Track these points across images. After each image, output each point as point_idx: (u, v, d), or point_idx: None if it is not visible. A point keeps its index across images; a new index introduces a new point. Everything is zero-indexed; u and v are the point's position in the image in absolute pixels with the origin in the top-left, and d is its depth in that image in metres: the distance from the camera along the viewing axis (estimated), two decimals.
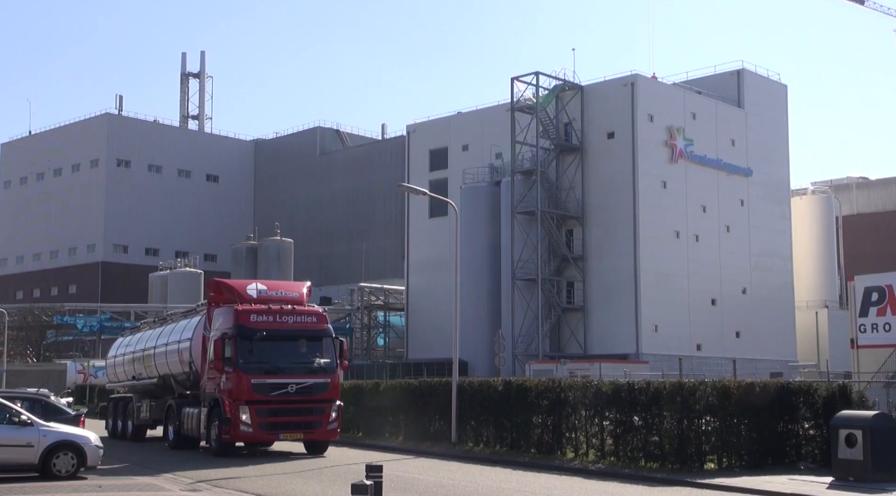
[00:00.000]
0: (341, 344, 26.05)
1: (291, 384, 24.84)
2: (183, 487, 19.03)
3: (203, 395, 26.55)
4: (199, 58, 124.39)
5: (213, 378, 25.68)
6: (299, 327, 25.72)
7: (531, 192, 70.35)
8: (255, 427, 24.46)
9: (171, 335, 30.23)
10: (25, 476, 19.70)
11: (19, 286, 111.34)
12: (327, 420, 25.30)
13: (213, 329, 26.26)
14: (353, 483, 12.20)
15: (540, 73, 71.98)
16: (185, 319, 30.42)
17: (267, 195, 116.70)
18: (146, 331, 34.93)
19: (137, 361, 33.22)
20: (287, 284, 29.03)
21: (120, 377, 35.93)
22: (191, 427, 27.03)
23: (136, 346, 34.01)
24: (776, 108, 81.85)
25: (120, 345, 37.40)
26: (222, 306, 26.36)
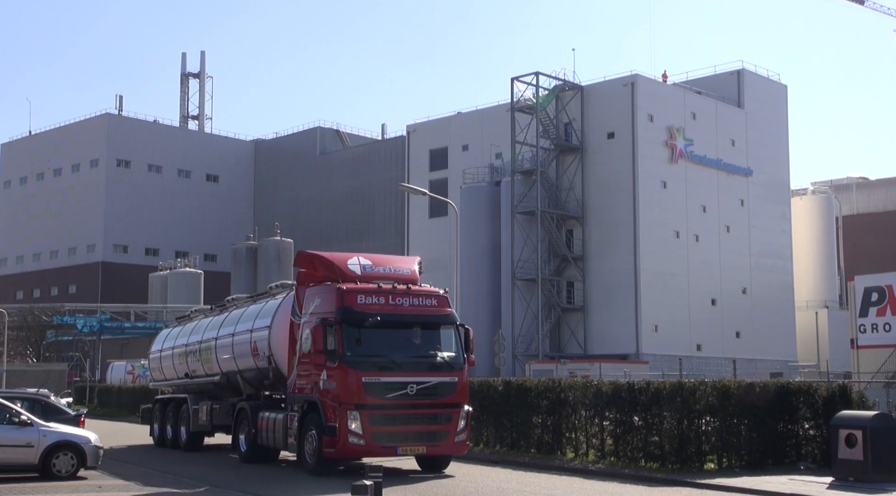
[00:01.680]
0: (467, 333, 21.10)
1: (411, 384, 19.85)
2: (183, 487, 19.02)
3: (291, 397, 21.51)
4: (199, 58, 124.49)
5: (306, 375, 20.77)
6: (417, 312, 20.66)
7: (531, 192, 70.36)
8: (367, 438, 19.40)
9: (240, 323, 25.41)
10: (25, 476, 19.69)
11: (19, 286, 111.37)
12: (454, 429, 20.37)
13: (304, 313, 21.29)
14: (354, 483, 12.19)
15: (540, 73, 72.01)
16: (259, 303, 25.62)
17: (267, 195, 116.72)
18: (201, 319, 30.01)
19: (192, 356, 28.44)
20: (395, 259, 23.52)
21: (167, 375, 31.12)
22: (271, 436, 22.24)
23: (190, 338, 29.03)
24: (776, 108, 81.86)
25: (167, 338, 32.11)
26: (318, 285, 21.40)
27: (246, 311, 25.76)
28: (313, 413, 20.20)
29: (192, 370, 28.44)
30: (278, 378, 22.89)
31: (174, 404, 29.41)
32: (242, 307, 26.67)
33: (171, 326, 33.80)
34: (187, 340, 29.17)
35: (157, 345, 32.72)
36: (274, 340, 22.89)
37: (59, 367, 71.50)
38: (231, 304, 28.36)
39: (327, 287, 20.84)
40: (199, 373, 27.81)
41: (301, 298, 21.87)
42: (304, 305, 21.52)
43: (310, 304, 21.17)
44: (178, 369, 29.69)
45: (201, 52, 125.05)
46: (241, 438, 24.05)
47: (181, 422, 28.33)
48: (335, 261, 21.58)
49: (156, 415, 31.10)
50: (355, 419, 19.33)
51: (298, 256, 22.95)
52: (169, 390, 31.86)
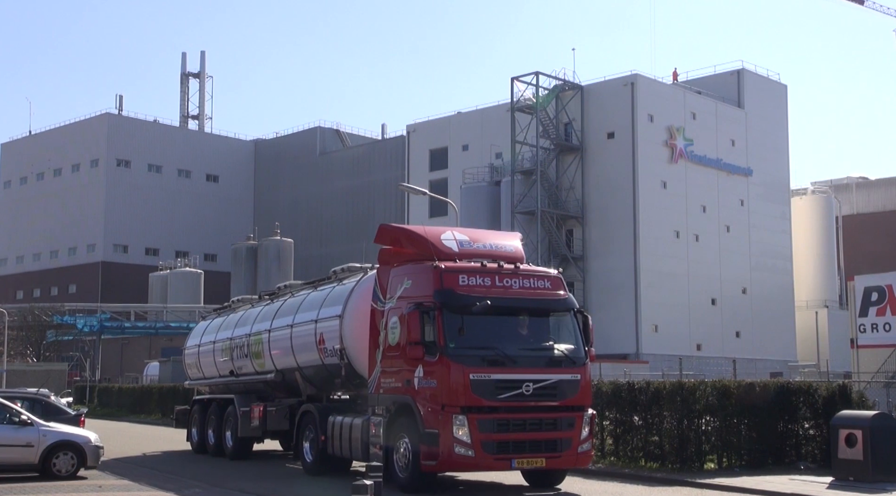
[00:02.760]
0: (585, 320, 17.85)
1: (527, 382, 16.60)
2: (183, 487, 19.03)
3: (374, 398, 18.14)
4: (199, 58, 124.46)
5: (395, 372, 17.46)
6: (529, 295, 17.43)
7: (531, 192, 70.38)
8: (477, 448, 16.16)
9: (300, 313, 22.02)
10: (25, 476, 19.70)
11: (19, 286, 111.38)
12: (577, 437, 17.02)
13: (390, 298, 17.95)
14: (354, 483, 12.19)
15: (540, 73, 72.04)
16: (323, 289, 22.19)
17: (267, 195, 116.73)
18: (247, 309, 26.49)
19: (238, 351, 25.01)
20: (494, 234, 20.44)
21: (207, 372, 27.76)
22: (346, 444, 18.93)
23: (236, 331, 25.57)
24: (776, 108, 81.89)
25: (206, 331, 28.56)
26: (407, 264, 18.00)
27: (306, 299, 22.31)
28: (405, 417, 17.02)
29: (237, 367, 25.10)
30: (352, 376, 19.63)
31: (217, 406, 26.01)
32: (300, 294, 23.30)
33: (208, 318, 30.11)
34: (232, 333, 25.70)
35: (195, 339, 29.21)
36: (347, 331, 19.55)
37: (59, 367, 71.48)
38: (284, 292, 24.66)
39: (421, 266, 17.45)
40: (248, 370, 24.54)
41: (385, 280, 18.25)
42: (390, 288, 18.00)
43: (397, 287, 17.76)
44: (220, 366, 26.34)
45: (201, 52, 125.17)
46: (305, 446, 20.73)
47: (226, 427, 24.97)
48: (428, 235, 18.30)
49: (194, 418, 27.55)
50: (462, 425, 16.10)
51: (381, 231, 19.26)
52: (206, 390, 28.91)
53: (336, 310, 20.16)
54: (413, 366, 16.81)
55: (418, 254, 17.96)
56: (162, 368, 69.41)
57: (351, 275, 21.23)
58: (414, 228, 19.23)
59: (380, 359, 17.91)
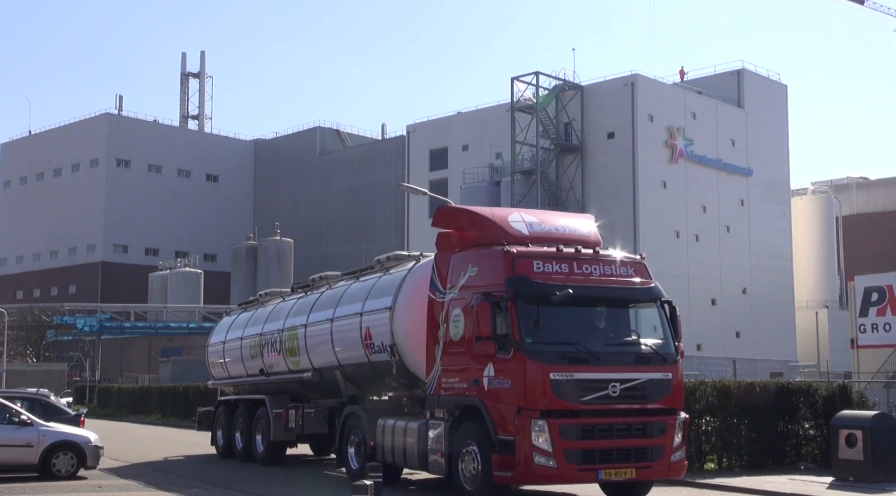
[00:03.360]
0: (673, 312, 16.03)
1: (614, 382, 14.85)
2: (183, 487, 19.02)
3: (433, 399, 16.31)
4: (199, 58, 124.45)
5: (459, 370, 15.71)
6: (612, 283, 15.74)
7: (531, 192, 70.37)
8: (559, 458, 14.37)
9: (341, 305, 20.19)
10: (25, 476, 19.70)
11: (19, 286, 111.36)
12: (670, 444, 15.22)
13: (451, 287, 16.13)
14: (354, 483, 12.19)
15: (540, 73, 72.06)
16: (367, 279, 20.29)
17: (267, 195, 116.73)
18: (278, 303, 24.65)
19: (270, 347, 23.28)
20: (564, 215, 18.81)
21: (233, 371, 26.01)
22: (397, 450, 17.12)
23: (267, 326, 23.76)
24: (776, 108, 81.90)
25: (231, 326, 26.66)
26: (472, 250, 16.23)
27: (348, 291, 20.42)
28: (472, 422, 15.25)
29: (268, 366, 23.33)
30: (403, 374, 17.80)
31: (245, 407, 24.12)
32: (339, 286, 21.37)
33: (232, 313, 28.22)
34: (262, 329, 23.85)
35: (219, 335, 27.24)
36: (399, 325, 17.70)
37: (59, 367, 71.45)
38: (320, 283, 22.79)
39: (489, 251, 15.66)
40: (280, 368, 22.80)
41: (445, 268, 16.41)
42: (451, 277, 16.20)
43: (460, 275, 15.99)
44: (248, 365, 24.58)
45: (201, 52, 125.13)
46: (349, 452, 18.76)
47: (256, 430, 23.21)
48: (495, 217, 16.58)
49: (219, 420, 25.68)
50: (542, 431, 14.31)
51: (439, 214, 17.66)
52: (230, 390, 27.07)
53: (385, 301, 18.21)
54: (482, 364, 15.06)
55: (483, 238, 16.13)
56: (162, 368, 69.47)
57: (398, 264, 19.44)
58: (478, 210, 17.30)
59: (440, 356, 16.16)
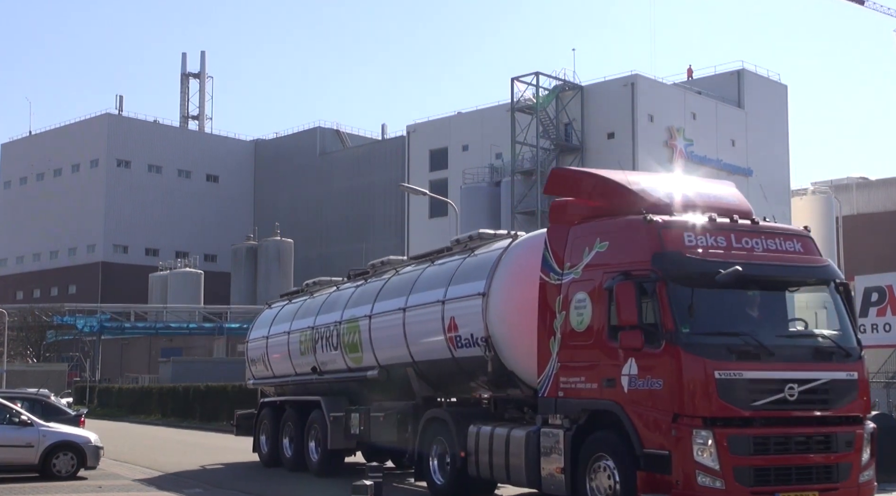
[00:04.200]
0: (849, 295, 13.25)
1: (791, 383, 11.77)
2: (182, 487, 19.03)
3: (548, 403, 13.32)
4: (199, 58, 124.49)
5: (583, 367, 12.77)
6: (780, 261, 12.56)
7: (531, 192, 70.39)
8: (728, 477, 11.33)
9: (416, 292, 17.42)
10: (25, 476, 19.70)
11: (19, 286, 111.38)
12: (857, 462, 12.11)
13: (572, 267, 13.15)
14: (354, 483, 12.18)
15: (540, 73, 72.07)
16: (447, 261, 17.45)
17: (267, 195, 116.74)
18: (331, 292, 21.81)
19: (324, 342, 20.41)
20: (704, 182, 15.80)
21: (278, 369, 23.12)
22: (496, 463, 14.34)
23: (320, 318, 20.89)
24: (776, 108, 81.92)
25: (276, 320, 23.75)
26: (601, 220, 13.16)
27: (422, 276, 17.69)
28: (606, 431, 12.32)
29: (322, 363, 20.56)
30: (499, 372, 14.99)
31: (295, 410, 21.58)
32: (407, 271, 18.78)
33: (275, 305, 25.17)
34: (314, 322, 21.01)
35: (261, 329, 24.38)
36: (495, 314, 15.00)
37: (59, 367, 71.48)
38: (384, 268, 20.06)
39: (626, 222, 12.71)
40: (337, 366, 20.02)
41: (561, 243, 13.46)
42: (570, 253, 13.26)
43: (583, 251, 13.03)
44: (297, 362, 21.79)
45: (201, 52, 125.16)
46: (432, 464, 16.11)
47: (309, 436, 20.56)
48: (628, 181, 13.58)
49: (263, 424, 23.23)
50: (707, 444, 11.30)
51: (554, 178, 14.92)
52: (270, 391, 24.38)
53: (476, 286, 15.44)
54: (619, 360, 12.10)
55: (613, 206, 13.16)
56: (162, 368, 69.47)
57: (485, 244, 16.76)
58: (605, 172, 14.26)
59: (556, 350, 13.19)
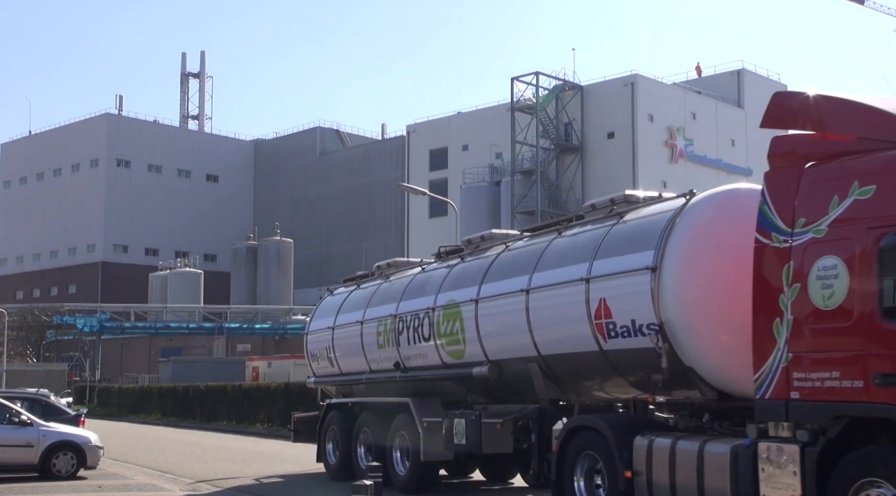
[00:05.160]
0: None
1: None
2: (183, 487, 19.03)
3: (774, 409, 10.01)
4: (199, 58, 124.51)
5: (838, 359, 9.43)
6: None
7: (531, 192, 70.41)
8: None
9: (545, 269, 13.99)
10: (25, 476, 19.70)
11: (19, 286, 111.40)
12: None
13: (808, 223, 9.91)
14: (354, 483, 12.20)
15: (540, 73, 72.09)
16: (582, 230, 14.11)
17: (267, 195, 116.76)
18: (416, 274, 18.17)
19: (411, 333, 17.01)
20: None
21: (346, 365, 19.67)
22: (682, 487, 11.03)
23: (405, 304, 17.42)
24: None
25: (343, 308, 20.10)
26: (851, 159, 9.83)
27: (550, 248, 14.20)
28: (879, 446, 9.20)
29: (407, 357, 17.17)
30: (675, 368, 11.71)
31: (372, 415, 18.34)
32: (520, 245, 15.39)
33: (338, 292, 21.37)
34: (396, 309, 17.54)
35: (324, 319, 20.78)
36: (672, 293, 11.73)
37: (59, 367, 71.48)
38: (487, 244, 16.59)
39: None
40: (428, 361, 16.61)
41: (789, 192, 10.25)
42: (806, 205, 9.98)
43: (830, 201, 9.72)
44: (373, 357, 18.35)
45: (201, 52, 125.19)
46: (577, 486, 12.83)
47: (394, 445, 17.17)
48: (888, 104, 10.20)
49: (330, 430, 19.72)
50: None
51: (776, 105, 10.97)
52: (332, 391, 21.04)
53: (641, 258, 12.17)
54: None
55: (874, 138, 9.77)
56: (162, 368, 69.48)
57: (633, 208, 13.67)
58: (853, 96, 10.65)
59: (784, 336, 9.91)
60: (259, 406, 39.44)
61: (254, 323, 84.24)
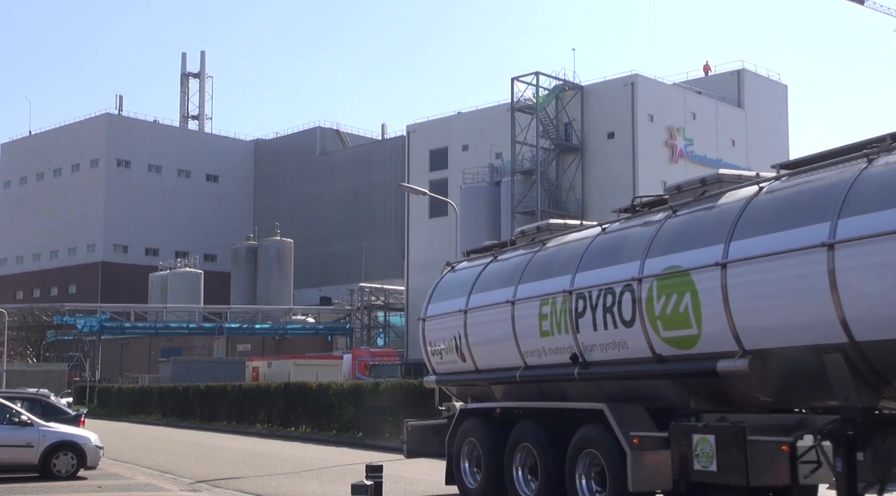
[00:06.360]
0: None
1: None
2: (183, 487, 19.03)
3: None
4: (199, 58, 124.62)
5: None
6: None
7: (531, 192, 70.39)
8: None
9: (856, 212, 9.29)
10: (25, 476, 19.69)
11: (19, 286, 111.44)
12: None
13: None
14: (354, 483, 12.17)
15: (540, 73, 72.06)
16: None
17: (267, 195, 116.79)
18: (595, 236, 13.59)
19: (600, 313, 12.58)
20: None
21: (487, 360, 15.24)
22: None
23: (584, 276, 13.04)
24: (776, 108, 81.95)
25: (476, 285, 15.62)
26: None
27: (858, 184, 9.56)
28: None
29: (588, 347, 12.81)
30: None
31: (538, 424, 13.62)
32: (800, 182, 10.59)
33: (460, 268, 17.00)
34: (572, 282, 13.05)
35: (449, 300, 16.26)
36: None
37: (59, 367, 71.52)
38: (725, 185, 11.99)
39: None
40: (629, 353, 12.19)
41: None
42: None
43: None
44: (530, 347, 13.91)
45: (201, 52, 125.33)
46: None
47: (575, 468, 12.57)
48: None
49: (467, 444, 15.20)
50: None
51: None
52: (452, 391, 17.07)
53: None
54: None
55: None
56: (162, 368, 69.53)
57: None
58: None
59: None
60: (259, 406, 39.45)
61: (254, 323, 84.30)
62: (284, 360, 57.67)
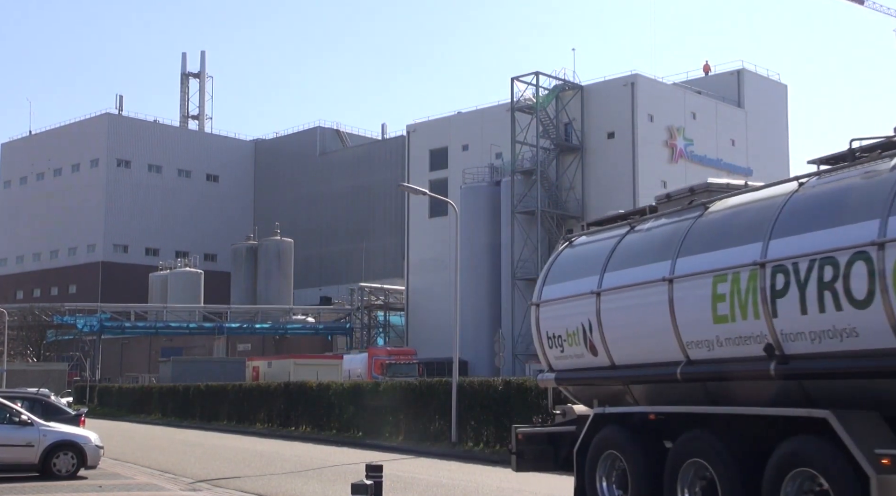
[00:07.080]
0: None
1: None
2: (183, 487, 19.03)
3: None
4: (199, 58, 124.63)
5: None
6: None
7: (531, 192, 70.41)
8: None
9: None
10: (25, 476, 19.69)
11: (19, 286, 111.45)
12: None
13: None
14: (354, 483, 12.16)
15: (540, 73, 72.06)
16: None
17: (267, 195, 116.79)
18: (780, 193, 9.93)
19: (808, 293, 8.98)
20: None
21: (626, 354, 11.77)
22: None
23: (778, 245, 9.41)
24: (776, 108, 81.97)
25: (612, 261, 12.16)
26: None
27: None
28: None
29: (788, 335, 9.40)
30: None
31: (710, 436, 10.32)
32: None
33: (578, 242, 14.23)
34: (762, 252, 9.66)
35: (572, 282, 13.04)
36: None
37: (59, 367, 71.52)
38: None
39: None
40: (857, 343, 8.67)
41: None
42: None
43: None
44: (695, 336, 10.58)
45: (201, 52, 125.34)
46: None
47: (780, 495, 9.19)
48: None
49: (606, 459, 12.04)
50: None
51: None
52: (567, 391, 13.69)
53: None
54: None
55: None
56: (162, 368, 69.53)
57: None
58: None
59: None
60: (259, 406, 39.44)
61: (254, 323, 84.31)
62: (284, 360, 57.66)
